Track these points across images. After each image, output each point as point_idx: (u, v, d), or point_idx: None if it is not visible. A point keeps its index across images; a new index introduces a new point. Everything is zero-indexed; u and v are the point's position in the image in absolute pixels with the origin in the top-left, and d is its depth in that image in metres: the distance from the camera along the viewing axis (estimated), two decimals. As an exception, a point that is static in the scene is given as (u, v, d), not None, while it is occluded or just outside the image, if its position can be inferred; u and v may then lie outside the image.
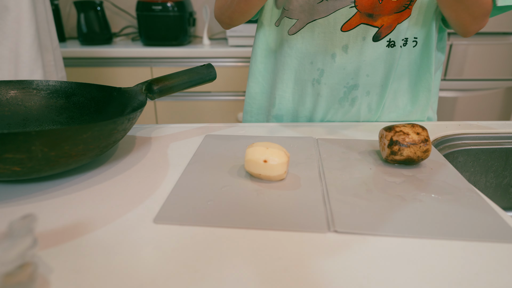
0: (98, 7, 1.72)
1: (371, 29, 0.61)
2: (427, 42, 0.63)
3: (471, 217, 0.36)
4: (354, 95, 0.66)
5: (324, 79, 0.66)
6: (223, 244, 0.32)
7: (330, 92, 0.66)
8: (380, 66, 0.63)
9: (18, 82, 0.54)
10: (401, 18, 0.60)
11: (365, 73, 0.64)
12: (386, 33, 0.61)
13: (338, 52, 0.63)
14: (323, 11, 0.61)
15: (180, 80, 0.55)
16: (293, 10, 0.63)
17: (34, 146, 0.35)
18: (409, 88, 0.67)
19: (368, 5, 0.59)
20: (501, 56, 1.68)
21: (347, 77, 0.65)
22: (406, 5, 0.59)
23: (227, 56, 1.63)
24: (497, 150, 0.61)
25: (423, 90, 0.66)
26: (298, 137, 0.57)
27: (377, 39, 0.61)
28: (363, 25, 0.61)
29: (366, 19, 0.60)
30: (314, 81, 0.66)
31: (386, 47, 0.62)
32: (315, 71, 0.66)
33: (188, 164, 0.47)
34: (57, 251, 0.31)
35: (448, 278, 0.28)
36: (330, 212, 0.36)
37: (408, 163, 0.46)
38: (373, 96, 0.66)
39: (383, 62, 0.63)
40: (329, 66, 0.64)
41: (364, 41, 0.62)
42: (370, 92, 0.66)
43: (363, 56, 0.63)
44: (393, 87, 0.66)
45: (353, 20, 0.61)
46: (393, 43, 0.62)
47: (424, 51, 0.64)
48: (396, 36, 0.61)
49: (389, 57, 0.63)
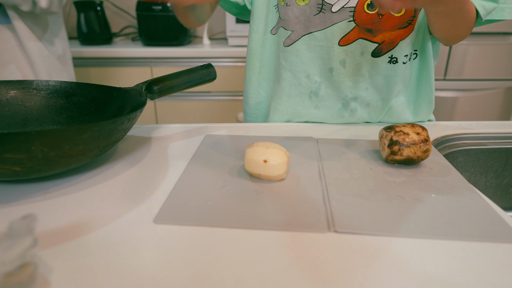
0: (98, 7, 1.72)
1: (370, 44, 0.58)
2: (425, 54, 0.61)
3: (471, 217, 0.36)
4: (353, 106, 0.64)
5: (322, 92, 0.64)
6: (223, 244, 0.32)
7: (329, 104, 0.64)
8: (380, 81, 0.61)
9: (18, 82, 0.54)
10: (404, 34, 0.57)
11: (364, 86, 0.62)
12: (388, 49, 0.59)
13: (336, 66, 0.61)
14: (320, 23, 0.59)
15: (180, 80, 0.55)
16: (289, 20, 0.61)
17: (34, 146, 0.35)
18: (411, 100, 0.65)
19: (367, 20, 0.57)
20: (501, 56, 1.68)
21: (346, 90, 0.62)
22: (410, 21, 0.56)
23: (227, 56, 1.63)
24: (497, 150, 0.61)
25: (424, 102, 0.64)
26: (298, 137, 0.57)
27: (377, 55, 0.59)
28: (361, 40, 0.58)
29: (365, 34, 0.58)
30: (312, 94, 0.64)
31: (387, 63, 0.59)
32: (313, 83, 0.64)
33: (188, 164, 0.47)
34: (57, 251, 0.31)
35: (448, 278, 0.28)
36: (330, 212, 0.36)
37: (408, 163, 0.46)
38: (373, 108, 0.64)
39: (384, 77, 0.61)
40: (327, 79, 0.63)
41: (362, 56, 0.59)
42: (370, 104, 0.63)
43: (362, 71, 0.60)
44: (395, 100, 0.64)
45: (351, 35, 0.58)
46: (395, 59, 0.59)
47: (422, 62, 0.62)
48: (398, 52, 0.59)
49: (390, 73, 0.60)
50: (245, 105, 0.74)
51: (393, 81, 0.61)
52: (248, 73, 0.69)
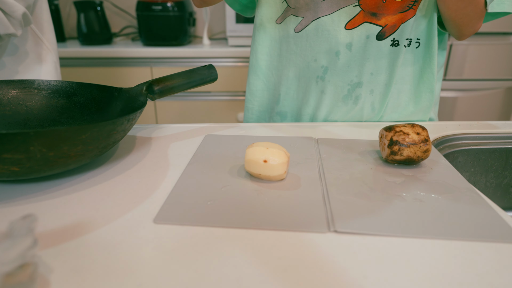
0: (98, 7, 1.72)
1: (375, 27, 0.61)
2: (429, 44, 0.63)
3: (471, 217, 0.36)
4: (358, 93, 0.66)
5: (328, 77, 0.66)
6: (223, 244, 0.32)
7: (334, 90, 0.67)
8: (384, 65, 0.64)
9: (19, 82, 0.54)
10: (405, 18, 0.60)
11: (369, 71, 0.64)
12: (390, 33, 0.61)
13: (342, 50, 0.63)
14: (327, 8, 0.62)
15: (181, 80, 0.55)
16: (299, 8, 0.64)
17: (33, 147, 0.35)
18: (412, 89, 0.67)
19: (372, 4, 0.59)
20: (501, 56, 1.68)
21: (351, 74, 0.65)
22: (410, 5, 0.59)
23: (227, 56, 1.63)
24: (497, 150, 0.61)
25: (425, 91, 0.66)
26: (298, 137, 0.57)
27: (381, 38, 0.62)
28: (366, 23, 0.61)
29: (370, 18, 0.61)
30: (318, 79, 0.67)
31: (390, 46, 0.62)
32: (319, 68, 0.66)
33: (188, 164, 0.47)
34: (57, 251, 0.31)
35: (448, 278, 0.28)
36: (330, 212, 0.36)
37: (408, 163, 0.46)
38: (377, 95, 0.66)
39: (387, 61, 0.64)
40: (333, 63, 0.65)
41: (367, 40, 0.62)
42: (374, 90, 0.66)
43: (367, 54, 0.63)
44: (397, 87, 0.66)
45: (357, 19, 0.61)
46: (397, 42, 0.62)
47: (426, 52, 0.64)
48: (400, 35, 0.62)
49: (393, 56, 0.63)
50: (247, 94, 0.76)
51: (395, 65, 0.63)
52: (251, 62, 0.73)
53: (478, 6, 0.57)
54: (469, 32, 0.61)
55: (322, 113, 0.69)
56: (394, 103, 0.68)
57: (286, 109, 0.72)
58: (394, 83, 0.65)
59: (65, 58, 1.61)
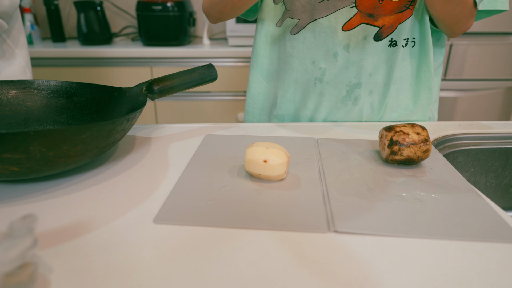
0: (98, 7, 1.72)
1: (372, 28, 0.61)
2: (423, 42, 0.63)
3: (471, 217, 0.36)
4: (357, 93, 0.66)
5: (326, 78, 0.66)
6: (223, 244, 0.32)
7: (333, 91, 0.67)
8: (383, 65, 0.64)
9: (19, 82, 0.54)
10: (402, 18, 0.60)
11: (368, 72, 0.64)
12: (388, 33, 0.61)
13: (340, 51, 0.63)
14: (324, 10, 0.62)
15: (181, 80, 0.55)
16: (295, 10, 0.64)
17: (32, 146, 0.35)
18: (411, 88, 0.67)
19: (368, 5, 0.59)
20: (501, 56, 1.68)
21: (350, 75, 0.65)
22: (407, 5, 0.59)
23: (227, 56, 1.63)
24: (497, 150, 0.61)
25: (424, 89, 0.67)
26: (298, 137, 0.57)
27: (379, 39, 0.62)
28: (363, 24, 0.61)
29: (366, 19, 0.61)
30: (317, 80, 0.67)
31: (388, 46, 0.62)
32: (317, 70, 0.66)
33: (188, 164, 0.47)
34: (57, 251, 0.31)
35: (448, 278, 0.28)
36: (330, 212, 0.36)
37: (408, 163, 0.46)
38: (376, 95, 0.66)
39: (385, 61, 0.64)
40: (332, 65, 0.65)
41: (365, 41, 0.62)
42: (373, 91, 0.66)
43: (365, 55, 0.63)
44: (396, 87, 0.67)
45: (354, 20, 0.61)
46: (395, 42, 0.62)
47: (422, 50, 0.64)
48: (397, 36, 0.62)
49: (391, 57, 0.63)
50: (248, 97, 0.76)
51: (394, 65, 0.63)
52: (252, 65, 0.73)
53: (466, 6, 0.56)
54: (460, 30, 0.61)
55: (321, 115, 0.69)
56: (394, 103, 0.68)
57: (283, 112, 0.72)
58: (393, 83, 0.66)
59: (65, 58, 1.62)
